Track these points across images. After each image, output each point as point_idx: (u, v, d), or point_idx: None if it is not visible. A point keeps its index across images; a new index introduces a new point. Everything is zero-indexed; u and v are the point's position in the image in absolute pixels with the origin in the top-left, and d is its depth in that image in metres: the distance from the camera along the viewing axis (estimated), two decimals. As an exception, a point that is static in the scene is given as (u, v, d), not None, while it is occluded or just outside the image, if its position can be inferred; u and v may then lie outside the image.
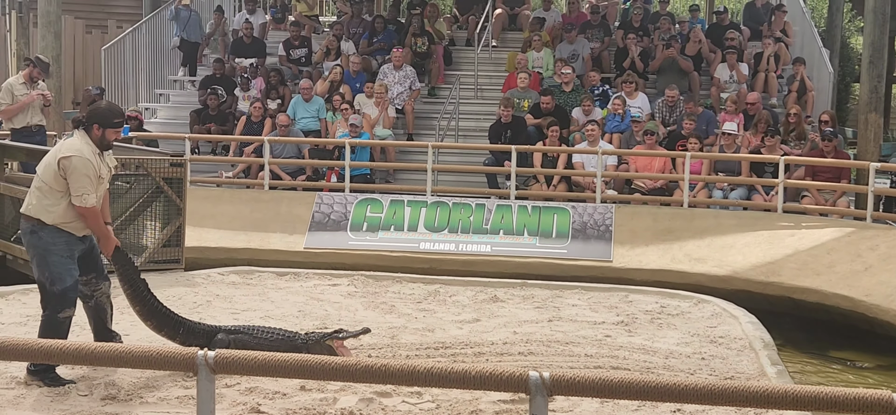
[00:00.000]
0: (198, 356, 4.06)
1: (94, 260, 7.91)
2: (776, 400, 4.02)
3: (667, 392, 4.02)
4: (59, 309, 7.58)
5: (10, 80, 14.81)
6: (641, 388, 4.00)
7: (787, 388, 4.08)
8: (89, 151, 7.59)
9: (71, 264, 7.61)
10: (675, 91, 16.68)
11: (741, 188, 14.92)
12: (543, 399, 4.00)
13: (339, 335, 7.97)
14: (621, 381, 4.01)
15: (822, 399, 3.93)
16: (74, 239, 7.64)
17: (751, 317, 10.05)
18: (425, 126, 17.91)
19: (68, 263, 7.60)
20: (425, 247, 14.11)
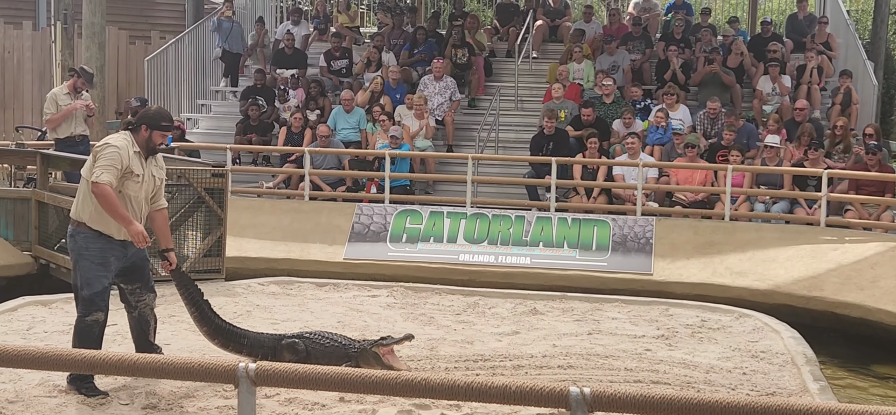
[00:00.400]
0: (239, 368, 4.07)
1: (140, 271, 7.94)
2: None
3: (709, 409, 3.98)
4: (87, 312, 7.62)
5: (55, 91, 14.96)
6: (683, 405, 3.97)
7: (831, 405, 4.03)
8: (127, 146, 7.63)
9: (102, 271, 7.63)
10: (716, 103, 16.58)
11: (783, 202, 14.80)
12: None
13: (385, 342, 7.97)
14: (663, 397, 3.98)
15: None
16: (110, 245, 7.65)
17: (793, 332, 9.97)
18: (465, 137, 17.91)
19: (99, 269, 7.62)
20: (465, 259, 14.09)
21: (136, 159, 7.62)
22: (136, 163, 7.63)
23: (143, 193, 7.72)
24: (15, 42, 22.29)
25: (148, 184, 7.74)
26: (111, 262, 7.67)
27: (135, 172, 7.60)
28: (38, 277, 12.74)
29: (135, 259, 7.85)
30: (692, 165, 15.11)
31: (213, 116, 20.05)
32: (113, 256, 7.67)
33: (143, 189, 7.70)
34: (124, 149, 7.60)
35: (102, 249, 7.63)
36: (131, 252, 7.78)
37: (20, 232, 13.09)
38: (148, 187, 7.74)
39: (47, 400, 7.28)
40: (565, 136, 16.22)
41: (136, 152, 7.63)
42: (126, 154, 7.57)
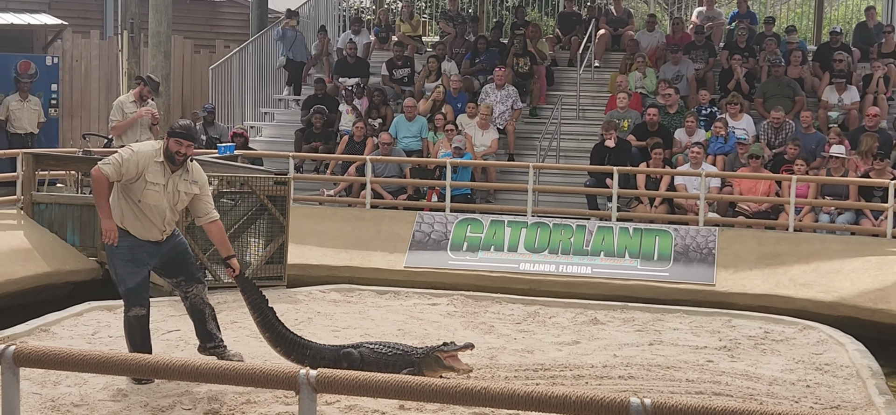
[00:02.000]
0: (300, 375, 4.11)
1: (178, 264, 8.24)
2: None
3: (770, 422, 3.95)
4: (128, 308, 7.98)
5: (121, 98, 15.19)
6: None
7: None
8: (149, 154, 7.90)
9: (133, 268, 7.92)
10: (780, 113, 16.41)
11: (849, 212, 14.60)
12: (644, 425, 3.95)
13: (446, 348, 7.96)
14: (725, 409, 3.94)
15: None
16: (139, 244, 7.92)
17: (858, 344, 9.83)
18: (526, 146, 17.89)
19: (130, 266, 7.91)
20: (525, 267, 14.07)
21: (158, 168, 7.86)
22: (158, 172, 7.86)
23: (165, 203, 7.91)
24: (83, 51, 22.64)
25: (171, 196, 7.94)
26: (142, 258, 7.95)
27: (152, 182, 7.83)
28: (103, 283, 12.90)
29: (172, 254, 8.15)
30: (756, 175, 14.97)
31: (275, 124, 20.22)
32: (144, 253, 7.96)
33: (164, 200, 7.91)
34: (143, 155, 7.86)
35: (131, 246, 7.91)
36: (166, 249, 8.08)
37: (86, 238, 13.29)
38: (172, 199, 7.95)
39: (111, 404, 7.38)
40: (627, 146, 16.14)
41: (159, 162, 7.87)
42: (143, 160, 7.82)
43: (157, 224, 7.95)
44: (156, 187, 7.84)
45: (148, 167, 7.82)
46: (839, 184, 14.70)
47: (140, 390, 7.67)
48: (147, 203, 7.85)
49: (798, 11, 29.11)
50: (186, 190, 8.01)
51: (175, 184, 7.94)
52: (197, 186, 8.06)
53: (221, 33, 25.21)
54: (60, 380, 7.82)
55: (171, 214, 8.00)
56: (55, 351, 4.71)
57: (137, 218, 7.91)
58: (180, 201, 8.01)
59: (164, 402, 7.45)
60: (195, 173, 8.08)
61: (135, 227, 7.91)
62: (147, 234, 7.95)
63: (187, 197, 8.03)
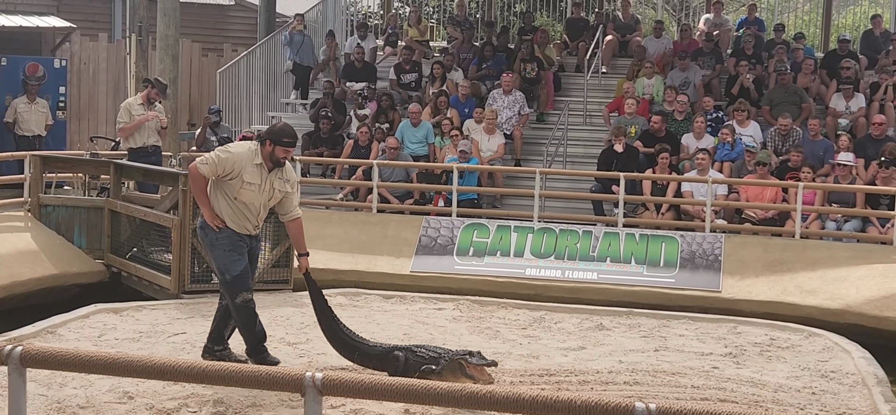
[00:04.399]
0: (306, 378, 4.12)
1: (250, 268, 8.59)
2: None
3: (775, 428, 3.95)
4: (235, 295, 8.36)
5: (129, 101, 15.22)
6: (749, 422, 3.94)
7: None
8: (247, 155, 8.24)
9: (235, 256, 8.33)
10: (788, 120, 16.40)
11: (855, 220, 14.59)
12: (648, 431, 3.96)
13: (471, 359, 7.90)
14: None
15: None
16: (237, 236, 8.33)
17: (864, 352, 9.82)
18: (533, 152, 17.90)
19: (232, 254, 8.33)
20: (531, 273, 14.07)
21: (255, 170, 8.21)
22: (254, 173, 8.20)
23: (260, 201, 8.31)
24: (91, 53, 22.70)
25: (266, 194, 8.31)
26: (241, 247, 8.38)
27: (248, 181, 8.19)
28: (109, 285, 12.96)
29: (252, 254, 8.61)
30: (762, 182, 14.96)
31: (283, 128, 20.20)
32: (240, 243, 8.39)
33: (259, 198, 8.28)
34: (240, 157, 8.22)
35: (230, 236, 8.34)
36: (252, 246, 8.53)
37: (93, 240, 13.33)
38: (267, 197, 8.33)
39: (117, 406, 7.40)
40: (635, 152, 16.14)
41: (257, 164, 8.22)
42: (239, 162, 8.19)
43: (252, 219, 8.38)
44: (252, 187, 8.23)
45: (245, 168, 8.19)
46: (846, 191, 14.69)
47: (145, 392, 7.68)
48: (243, 200, 8.25)
49: (805, 19, 29.09)
50: (280, 188, 8.36)
51: (271, 183, 8.30)
52: (289, 185, 8.44)
53: (229, 37, 25.24)
54: (66, 382, 7.84)
55: (264, 209, 8.43)
56: (61, 352, 4.73)
57: (235, 213, 8.30)
58: (274, 198, 8.38)
59: (169, 404, 7.47)
60: (288, 172, 8.46)
61: (232, 220, 8.31)
62: (242, 228, 8.36)
63: (280, 194, 8.38)
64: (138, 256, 12.75)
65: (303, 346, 9.48)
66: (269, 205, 8.44)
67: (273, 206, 8.54)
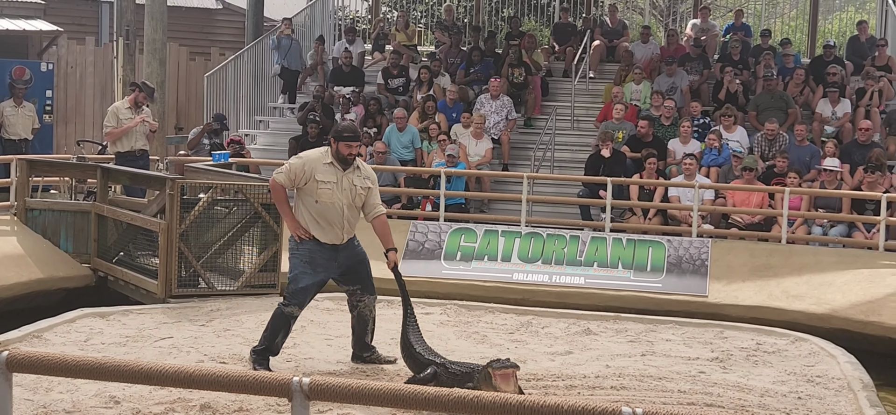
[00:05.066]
0: (293, 382, 4.12)
1: (357, 273, 8.74)
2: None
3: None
4: (286, 303, 8.55)
5: (117, 104, 15.20)
6: (735, 427, 3.95)
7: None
8: (317, 157, 8.44)
9: (308, 270, 8.45)
10: (774, 125, 16.46)
11: (841, 225, 14.65)
12: (635, 436, 3.97)
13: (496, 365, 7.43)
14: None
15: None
16: (318, 248, 8.43)
17: (849, 357, 9.85)
18: (521, 156, 17.92)
19: (307, 267, 8.45)
20: (518, 278, 14.09)
21: (328, 169, 8.35)
22: (327, 172, 8.34)
23: (341, 200, 8.37)
24: (78, 57, 22.65)
25: (347, 193, 8.40)
26: (320, 264, 8.47)
27: (322, 180, 8.32)
28: (96, 290, 12.93)
29: (350, 263, 8.66)
30: (749, 187, 15.01)
31: (270, 133, 20.23)
32: (322, 258, 8.47)
33: (338, 195, 8.35)
34: (310, 159, 8.44)
35: (310, 250, 8.43)
36: (342, 257, 8.56)
37: (79, 244, 13.29)
38: (348, 197, 8.41)
39: (103, 411, 7.38)
40: (622, 157, 16.18)
41: (328, 163, 8.36)
42: (310, 164, 8.37)
43: (337, 224, 8.42)
44: (328, 185, 8.32)
45: (316, 169, 8.33)
46: (832, 196, 14.75)
47: (131, 396, 7.66)
48: (324, 202, 8.33)
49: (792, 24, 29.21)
50: (361, 185, 8.46)
51: (350, 180, 8.41)
52: (369, 182, 8.53)
53: (217, 41, 25.23)
54: (53, 386, 7.82)
55: (349, 211, 8.44)
56: (47, 356, 4.71)
57: (317, 221, 8.38)
58: (357, 196, 8.43)
59: (156, 409, 7.45)
60: (366, 170, 8.61)
61: (316, 231, 8.40)
62: (328, 235, 8.43)
63: (363, 191, 8.46)
64: (125, 261, 12.72)
65: (290, 350, 9.44)
66: (355, 206, 8.48)
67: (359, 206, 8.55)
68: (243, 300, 11.44)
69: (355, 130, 8.65)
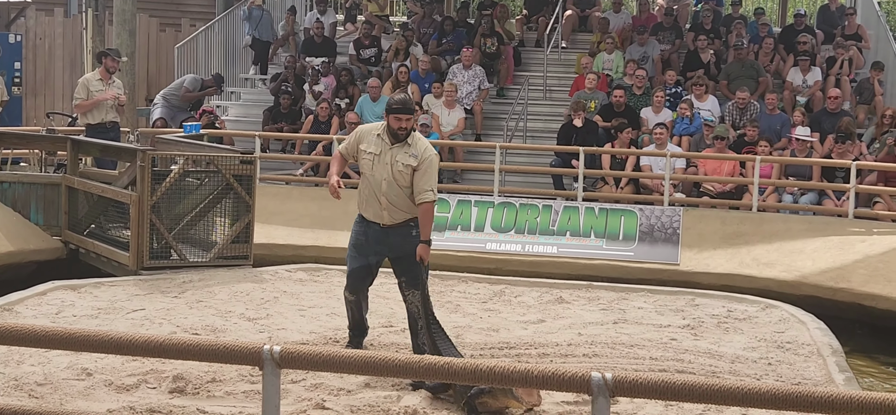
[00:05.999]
0: (263, 351, 4.11)
1: (404, 265, 8.11)
2: (843, 406, 3.98)
3: (729, 396, 4.00)
4: (345, 287, 8.32)
5: (87, 76, 15.09)
6: (704, 391, 3.98)
7: (854, 394, 4.03)
8: (371, 128, 8.16)
9: (354, 253, 8.20)
10: (745, 93, 16.52)
11: (812, 193, 14.74)
12: (606, 400, 3.99)
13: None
14: (684, 383, 3.99)
15: (890, 407, 3.88)
16: (364, 231, 8.12)
17: (819, 323, 9.92)
18: (494, 126, 17.92)
19: (352, 250, 8.21)
20: (492, 247, 14.12)
21: (375, 140, 7.97)
22: (373, 143, 7.97)
23: (379, 174, 7.92)
24: (46, 29, 22.46)
25: (387, 168, 7.89)
26: (364, 245, 8.13)
27: (365, 150, 7.99)
28: (67, 262, 12.84)
29: (400, 252, 8.06)
30: (720, 156, 15.07)
31: (242, 104, 20.14)
32: (368, 241, 8.10)
33: (378, 169, 7.93)
34: (364, 129, 8.21)
35: (356, 233, 8.18)
36: (394, 241, 8.03)
37: (50, 217, 13.20)
38: (388, 171, 7.89)
39: (76, 383, 7.36)
40: (594, 126, 16.20)
41: (378, 135, 7.99)
42: (362, 133, 8.13)
43: (375, 198, 7.96)
44: (368, 156, 7.96)
45: (364, 138, 8.04)
46: (802, 165, 14.83)
47: (104, 368, 7.63)
48: (365, 174, 8.02)
49: (764, -7, 29.27)
50: (405, 161, 7.88)
51: (394, 156, 7.91)
52: (416, 160, 7.87)
53: (187, 12, 25.00)
54: (24, 359, 7.79)
55: (389, 187, 7.89)
56: (18, 328, 4.69)
57: (363, 193, 8.07)
58: (399, 174, 7.87)
59: (129, 381, 7.43)
60: (418, 146, 7.94)
61: (362, 203, 8.11)
62: (370, 210, 8.05)
63: (406, 169, 7.86)
64: (96, 233, 12.65)
65: (263, 321, 9.45)
66: (398, 184, 7.87)
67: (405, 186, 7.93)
68: (216, 272, 11.41)
69: (406, 102, 8.05)
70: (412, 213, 7.95)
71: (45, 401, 6.94)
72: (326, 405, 7.10)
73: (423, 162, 7.89)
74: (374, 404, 7.17)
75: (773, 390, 3.96)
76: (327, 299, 10.46)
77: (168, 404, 6.99)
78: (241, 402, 7.15)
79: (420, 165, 7.87)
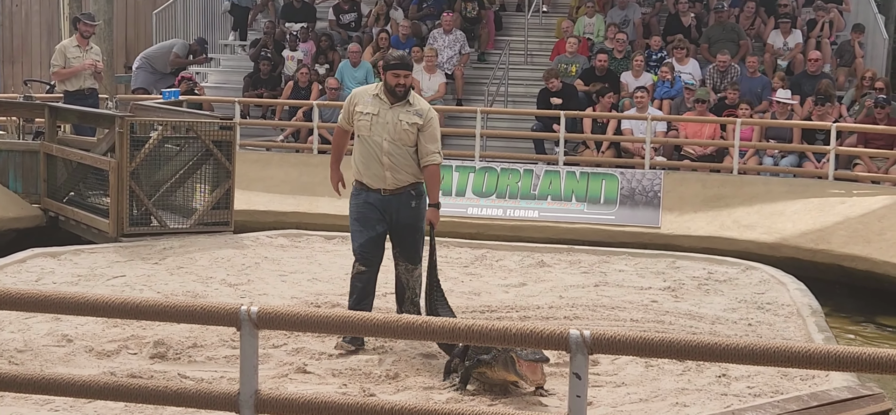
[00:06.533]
0: (241, 311, 4.10)
1: (400, 236, 7.81)
2: (819, 361, 4.00)
3: (706, 351, 4.01)
4: (354, 262, 7.80)
5: (64, 43, 14.98)
6: (681, 347, 3.99)
7: (830, 349, 4.04)
8: (365, 89, 7.92)
9: (359, 227, 7.73)
10: (726, 56, 16.53)
11: (792, 155, 14.78)
12: (584, 357, 3.99)
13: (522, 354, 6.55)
14: (662, 340, 4.00)
15: (864, 361, 3.90)
16: (365, 200, 7.69)
17: (799, 284, 9.96)
18: (474, 91, 17.88)
19: (356, 224, 7.75)
20: (473, 212, 14.13)
21: (372, 100, 7.66)
22: (370, 103, 7.66)
23: (379, 134, 7.58)
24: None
25: (390, 127, 7.56)
26: (369, 218, 7.69)
27: (361, 111, 7.66)
28: (46, 230, 12.79)
29: (399, 221, 7.72)
30: (701, 119, 15.08)
31: (221, 70, 20.04)
32: (371, 211, 7.68)
33: (378, 129, 7.58)
34: (358, 92, 7.89)
35: (358, 205, 7.74)
36: (394, 208, 7.68)
37: (29, 184, 13.13)
38: (390, 130, 7.56)
39: (56, 349, 7.34)
40: (573, 90, 16.18)
41: (375, 95, 7.68)
42: (357, 95, 7.82)
43: (376, 159, 7.60)
44: (366, 116, 7.62)
45: (360, 100, 7.73)
46: (783, 127, 14.86)
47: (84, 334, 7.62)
48: (363, 136, 7.65)
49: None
50: (409, 120, 7.57)
51: (396, 115, 7.58)
52: (421, 119, 7.59)
53: (166, -22, 24.86)
54: (3, 326, 7.77)
55: (391, 147, 7.57)
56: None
57: (362, 156, 7.68)
58: (403, 132, 7.55)
59: (109, 346, 7.42)
60: (420, 107, 7.69)
61: (360, 168, 7.70)
62: (370, 175, 7.65)
63: (412, 128, 7.56)
64: (76, 200, 12.59)
65: (244, 287, 9.45)
66: (400, 144, 7.56)
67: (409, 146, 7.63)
68: (196, 238, 11.37)
69: (404, 58, 7.80)
70: (414, 177, 7.69)
71: (25, 367, 6.92)
72: (308, 369, 7.11)
73: (428, 121, 7.64)
74: (355, 367, 7.18)
75: (751, 346, 3.97)
76: (308, 265, 10.45)
77: (149, 370, 6.99)
78: (223, 366, 7.15)
79: (426, 124, 7.61)
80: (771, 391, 6.50)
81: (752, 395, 6.48)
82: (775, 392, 6.46)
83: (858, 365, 3.92)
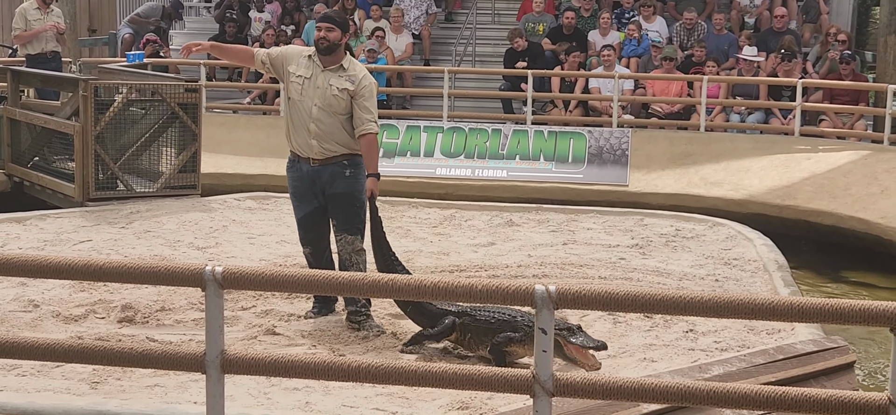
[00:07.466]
0: (205, 272, 4.08)
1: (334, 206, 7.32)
2: (783, 312, 4.03)
3: (671, 305, 4.03)
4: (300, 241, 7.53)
5: (25, 6, 14.80)
6: (646, 301, 4.01)
7: (794, 300, 4.07)
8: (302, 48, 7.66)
9: (296, 202, 7.41)
10: (693, 14, 16.55)
11: (758, 112, 14.86)
12: (550, 313, 4.00)
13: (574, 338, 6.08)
14: (627, 294, 4.01)
15: (827, 311, 3.93)
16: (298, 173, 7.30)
17: (765, 239, 10.02)
18: (442, 51, 17.85)
19: (294, 200, 7.43)
20: (441, 172, 14.14)
21: (305, 62, 7.21)
22: (303, 65, 7.20)
23: (309, 99, 7.12)
24: (-16, -41, 22.02)
25: (320, 92, 7.10)
26: (303, 192, 7.31)
27: (293, 72, 7.21)
28: (12, 195, 12.67)
29: (331, 194, 7.24)
30: (668, 77, 15.12)
31: (187, 32, 19.86)
32: (303, 184, 7.29)
33: (306, 93, 7.14)
34: (295, 51, 7.48)
35: (292, 178, 7.38)
36: (325, 182, 7.21)
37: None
38: (321, 95, 7.09)
39: (23, 315, 7.29)
40: (539, 49, 16.17)
41: (308, 57, 7.24)
42: (291, 53, 7.40)
43: (303, 126, 7.14)
44: (296, 79, 7.16)
45: (293, 59, 7.26)
46: (749, 84, 14.91)
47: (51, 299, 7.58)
48: (293, 99, 7.19)
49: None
50: (340, 85, 7.08)
51: (326, 79, 7.11)
52: (353, 85, 7.10)
53: (130, -60, 24.59)
54: (-31, 292, 7.71)
55: (320, 113, 7.08)
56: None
57: (292, 122, 7.23)
58: (334, 98, 7.07)
59: (76, 311, 7.39)
60: (355, 73, 7.18)
61: (290, 134, 7.27)
62: (298, 142, 7.21)
63: (342, 94, 7.07)
64: (41, 165, 12.48)
65: (212, 250, 9.41)
66: (331, 111, 7.09)
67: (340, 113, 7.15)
68: (163, 202, 11.29)
69: (329, 14, 7.38)
70: (345, 148, 7.19)
71: (-10, 333, 6.87)
72: (277, 331, 7.11)
73: (362, 88, 7.14)
74: (324, 328, 7.19)
75: (715, 299, 4.00)
76: (277, 227, 10.41)
77: (117, 334, 6.96)
78: (191, 329, 7.13)
79: (359, 91, 7.12)
80: (737, 346, 6.54)
81: (718, 349, 6.52)
82: (742, 346, 6.51)
83: (822, 316, 3.95)
